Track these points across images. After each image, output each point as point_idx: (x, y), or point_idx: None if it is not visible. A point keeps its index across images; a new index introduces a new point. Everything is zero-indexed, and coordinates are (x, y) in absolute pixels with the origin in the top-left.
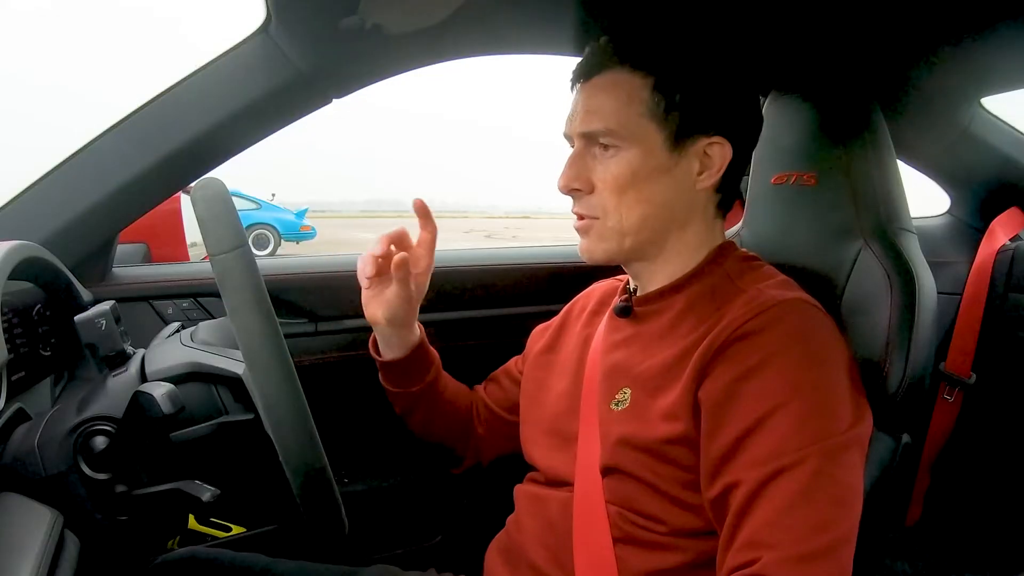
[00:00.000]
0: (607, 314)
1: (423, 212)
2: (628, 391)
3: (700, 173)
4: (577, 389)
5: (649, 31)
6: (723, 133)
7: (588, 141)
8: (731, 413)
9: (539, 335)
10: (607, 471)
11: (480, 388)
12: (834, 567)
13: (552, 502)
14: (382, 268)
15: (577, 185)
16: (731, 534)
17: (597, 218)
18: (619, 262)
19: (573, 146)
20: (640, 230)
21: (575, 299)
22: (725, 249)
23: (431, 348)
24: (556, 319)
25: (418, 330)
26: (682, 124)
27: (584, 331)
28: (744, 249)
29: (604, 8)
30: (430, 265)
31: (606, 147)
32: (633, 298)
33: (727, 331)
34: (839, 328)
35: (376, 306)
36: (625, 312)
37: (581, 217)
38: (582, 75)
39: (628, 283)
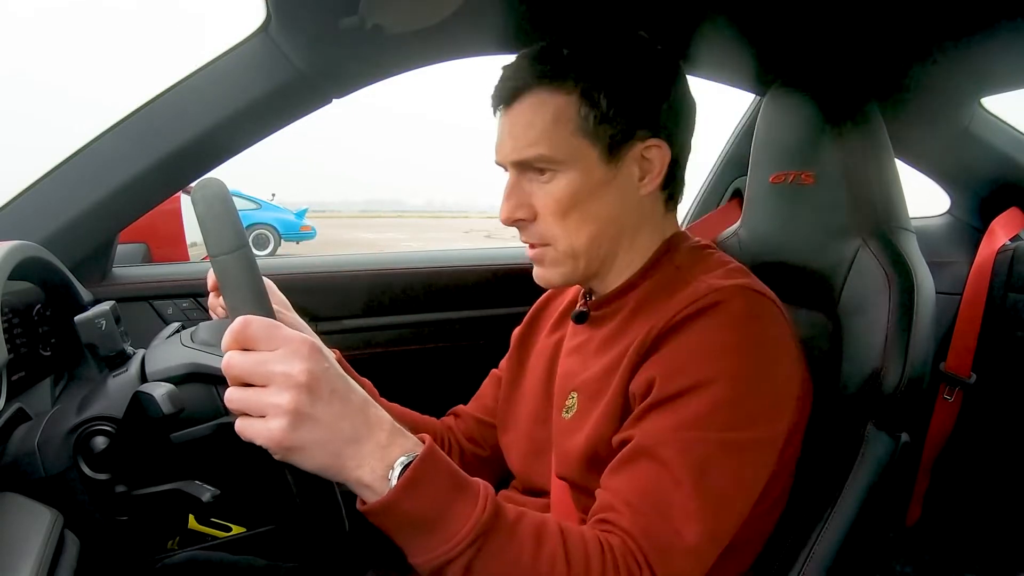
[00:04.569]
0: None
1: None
2: (575, 396)
3: (642, 179)
4: (548, 396)
5: (568, 43)
6: (657, 134)
7: (522, 168)
8: (653, 390)
9: (517, 339)
10: (565, 481)
11: (464, 410)
12: (689, 562)
13: (531, 509)
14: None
15: (520, 215)
16: (608, 480)
17: (548, 244)
18: (577, 282)
19: (508, 173)
20: (591, 248)
21: (544, 297)
22: (674, 241)
23: (357, 377)
24: (529, 315)
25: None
26: (614, 134)
27: (552, 335)
28: (698, 239)
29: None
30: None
31: (542, 171)
32: (588, 303)
33: (661, 322)
34: (837, 327)
35: None
36: (582, 318)
37: (532, 246)
38: (502, 100)
39: (583, 290)
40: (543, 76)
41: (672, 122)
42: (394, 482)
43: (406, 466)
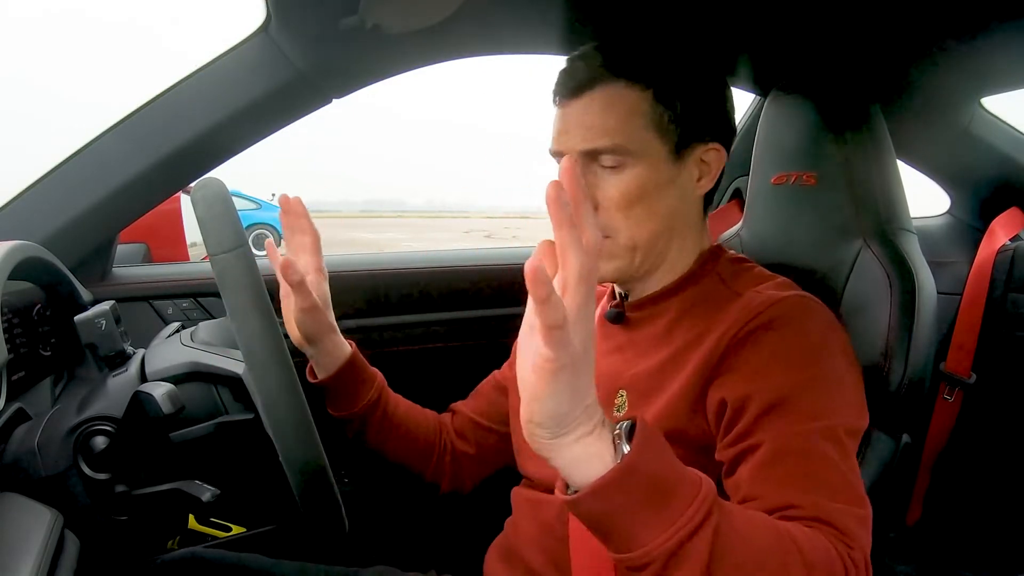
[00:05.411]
0: (597, 319)
1: (294, 210)
2: (624, 394)
3: (699, 180)
4: None
5: (640, 42)
6: (718, 139)
7: (588, 159)
8: (749, 403)
9: None
10: None
11: (461, 407)
12: (866, 533)
13: (548, 506)
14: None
15: None
16: (760, 487)
17: (607, 237)
18: (627, 279)
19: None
20: (650, 244)
21: None
22: (715, 252)
23: (370, 368)
24: None
25: (347, 347)
26: (683, 134)
27: None
28: (733, 251)
29: (593, 14)
30: (320, 268)
31: (610, 163)
32: (625, 304)
33: (733, 330)
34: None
35: (291, 324)
36: (618, 319)
37: None
38: (570, 91)
39: (615, 289)
40: (619, 71)
41: (727, 128)
42: (625, 446)
43: (630, 430)
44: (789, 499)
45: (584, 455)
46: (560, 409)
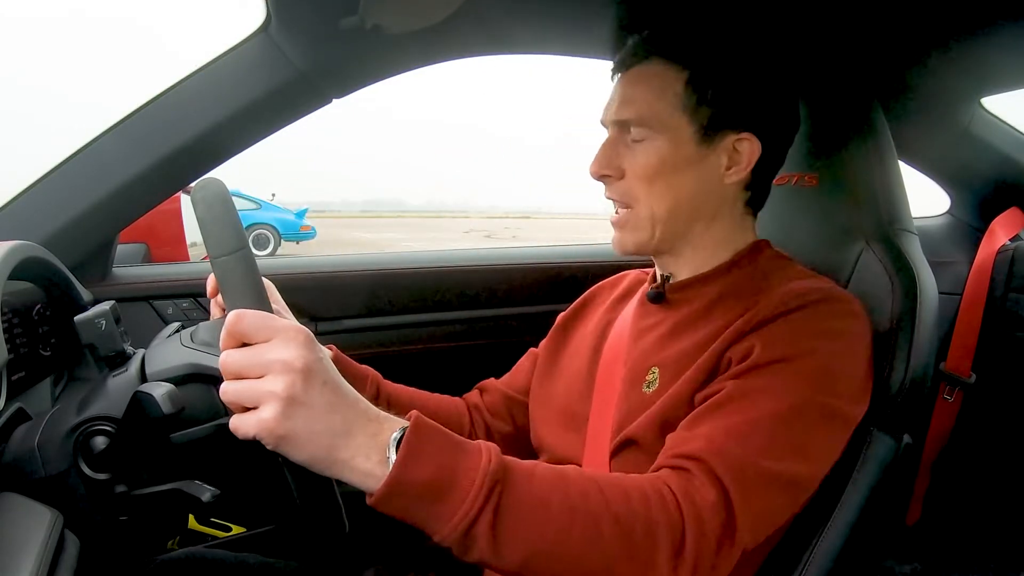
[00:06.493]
0: (636, 300)
1: None
2: (656, 371)
3: (728, 168)
4: (592, 371)
5: (687, 26)
6: (753, 130)
7: (621, 129)
8: (752, 356)
9: (561, 320)
10: (623, 445)
11: (493, 383)
12: (774, 494)
13: None
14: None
15: (607, 171)
16: (692, 422)
17: (630, 207)
18: (648, 252)
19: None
20: (668, 219)
21: (601, 284)
22: (759, 246)
23: (359, 366)
24: (578, 301)
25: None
26: (712, 118)
27: (607, 315)
28: (779, 249)
29: (641, 6)
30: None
31: (637, 136)
32: (667, 285)
33: (764, 311)
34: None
35: None
36: (658, 298)
37: (616, 212)
38: (621, 65)
39: (656, 272)
40: (660, 50)
41: (770, 125)
42: (393, 459)
43: (399, 441)
44: (692, 435)
45: (358, 476)
46: (305, 457)
